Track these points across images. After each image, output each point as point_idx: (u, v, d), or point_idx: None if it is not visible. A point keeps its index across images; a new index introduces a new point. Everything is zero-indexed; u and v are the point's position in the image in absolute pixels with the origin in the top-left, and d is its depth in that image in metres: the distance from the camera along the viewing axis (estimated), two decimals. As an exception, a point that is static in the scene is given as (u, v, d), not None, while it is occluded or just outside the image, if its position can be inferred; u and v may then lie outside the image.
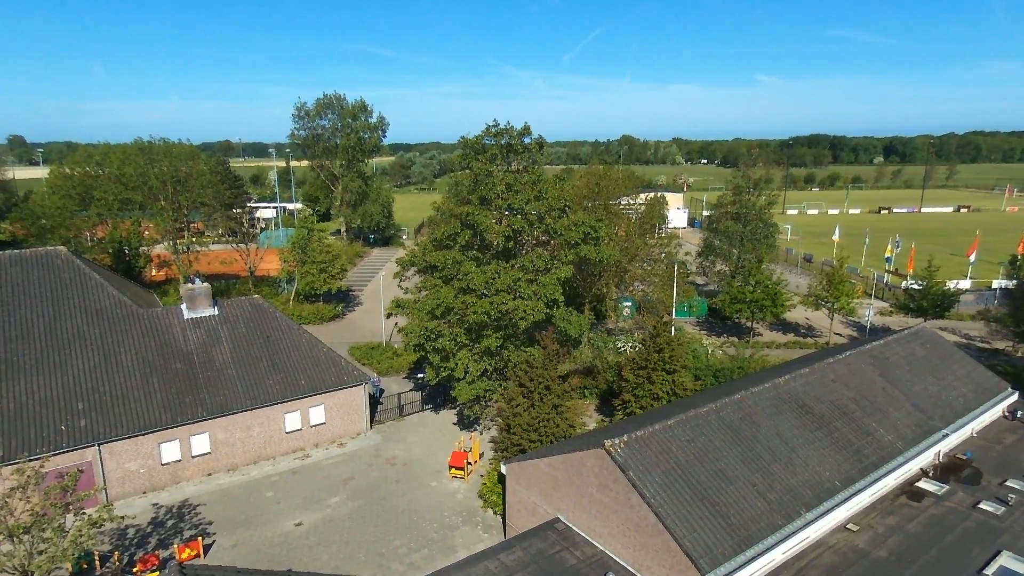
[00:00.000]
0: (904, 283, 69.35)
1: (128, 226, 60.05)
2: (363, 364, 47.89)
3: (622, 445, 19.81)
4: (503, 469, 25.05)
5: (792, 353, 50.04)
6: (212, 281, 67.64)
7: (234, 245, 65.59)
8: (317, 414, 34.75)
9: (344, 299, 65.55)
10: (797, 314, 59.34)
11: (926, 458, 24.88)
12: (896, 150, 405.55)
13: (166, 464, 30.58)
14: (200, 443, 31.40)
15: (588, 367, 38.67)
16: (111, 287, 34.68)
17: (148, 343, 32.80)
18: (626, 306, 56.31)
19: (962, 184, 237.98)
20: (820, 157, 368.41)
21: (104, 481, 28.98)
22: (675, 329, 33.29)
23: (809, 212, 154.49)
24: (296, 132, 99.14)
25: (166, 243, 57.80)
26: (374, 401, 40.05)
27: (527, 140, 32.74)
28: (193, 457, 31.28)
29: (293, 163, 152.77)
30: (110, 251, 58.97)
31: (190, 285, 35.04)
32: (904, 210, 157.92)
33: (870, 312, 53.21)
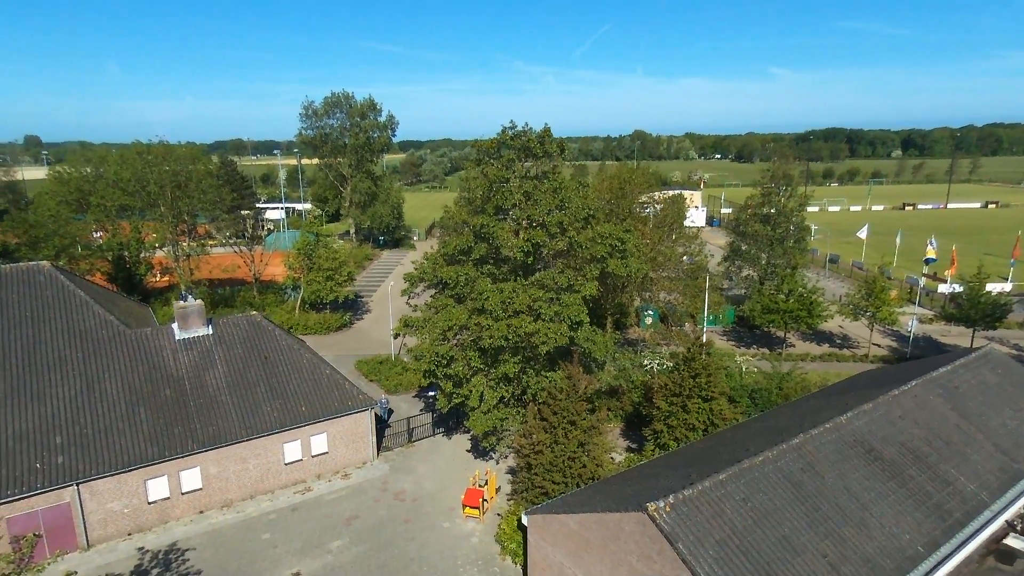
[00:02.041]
0: (941, 287, 65.57)
1: (128, 231, 57.69)
2: (371, 380, 45.12)
3: (668, 509, 16.74)
4: (524, 520, 22.08)
5: (830, 367, 46.65)
6: (216, 288, 65.31)
7: (237, 249, 62.97)
8: (319, 443, 31.96)
9: (352, 307, 62.87)
10: (831, 322, 55.80)
11: (1013, 510, 21.59)
12: (915, 143, 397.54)
13: (153, 502, 27.90)
14: (191, 478, 28.69)
15: (612, 388, 35.58)
16: (97, 305, 32.04)
17: (135, 368, 30.12)
18: (648, 315, 53.07)
19: (986, 178, 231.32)
20: (837, 151, 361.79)
21: (84, 524, 26.33)
22: (707, 345, 30.05)
23: (830, 209, 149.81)
24: (304, 132, 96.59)
25: (167, 249, 55.25)
26: (382, 423, 37.25)
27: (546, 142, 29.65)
28: (183, 494, 28.57)
29: (304, 161, 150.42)
30: (109, 258, 56.70)
31: (182, 303, 32.32)
32: (929, 206, 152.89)
33: (913, 323, 49.58)
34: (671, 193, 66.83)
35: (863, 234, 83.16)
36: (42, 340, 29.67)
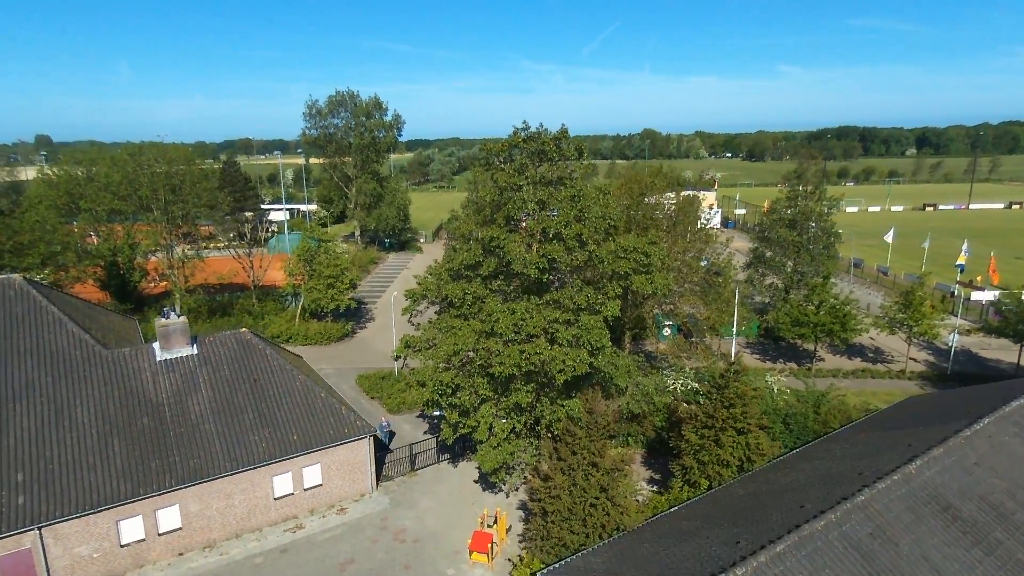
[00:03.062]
0: (975, 295, 61.98)
1: (121, 235, 55.16)
2: (372, 397, 42.31)
3: (719, 594, 13.75)
4: (540, 583, 19.12)
5: (864, 385, 43.38)
6: (213, 295, 62.64)
7: (235, 253, 60.20)
8: (312, 475, 29.15)
9: (355, 315, 59.99)
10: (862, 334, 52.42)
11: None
12: (929, 141, 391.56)
13: (126, 545, 25.16)
14: (169, 517, 25.95)
15: (633, 413, 32.56)
16: (72, 323, 29.34)
17: (110, 393, 27.38)
18: (666, 326, 49.93)
19: (1006, 177, 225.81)
20: (850, 149, 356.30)
21: (48, 572, 23.62)
22: (743, 371, 26.91)
23: (848, 210, 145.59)
24: (308, 131, 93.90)
25: (161, 255, 52.63)
26: (383, 448, 34.43)
27: (563, 144, 26.61)
28: (160, 535, 25.82)
29: (312, 160, 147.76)
30: (102, 264, 54.22)
31: (164, 320, 29.55)
32: (951, 207, 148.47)
33: (954, 337, 46.16)
34: (686, 194, 63.59)
35: (890, 238, 79.51)
36: (9, 362, 27.00)
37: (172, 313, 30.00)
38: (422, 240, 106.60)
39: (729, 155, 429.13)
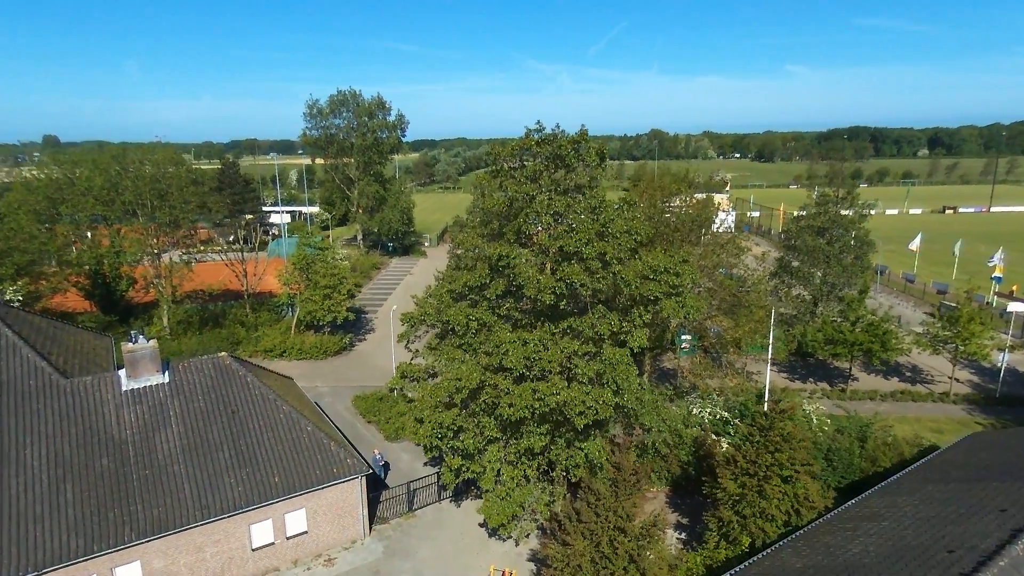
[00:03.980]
0: (1012, 306, 58.01)
1: (107, 241, 51.99)
2: (368, 421, 38.98)
3: None
4: None
5: (906, 409, 39.68)
6: (206, 304, 59.38)
7: (225, 258, 56.72)
8: (296, 521, 25.80)
9: (354, 326, 56.56)
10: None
11: None
12: (942, 142, 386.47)
13: (78, 610, 21.87)
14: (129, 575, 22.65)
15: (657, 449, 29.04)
16: (28, 348, 26.08)
17: (67, 429, 24.10)
18: (684, 339, 46.27)
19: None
20: (862, 150, 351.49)
21: (-17, 645, 20.36)
22: (791, 409, 23.33)
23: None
24: (308, 132, 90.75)
25: (147, 262, 49.43)
26: (378, 483, 31.10)
27: (581, 148, 23.12)
28: (118, 596, 22.53)
29: (319, 161, 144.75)
30: (85, 272, 51.13)
31: (131, 345, 26.26)
32: (971, 209, 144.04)
33: (1004, 356, 42.38)
34: (700, 197, 59.83)
35: (915, 245, 75.60)
36: (-49, 395, 23.77)
37: (140, 336, 26.68)
38: (426, 244, 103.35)
39: (738, 155, 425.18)
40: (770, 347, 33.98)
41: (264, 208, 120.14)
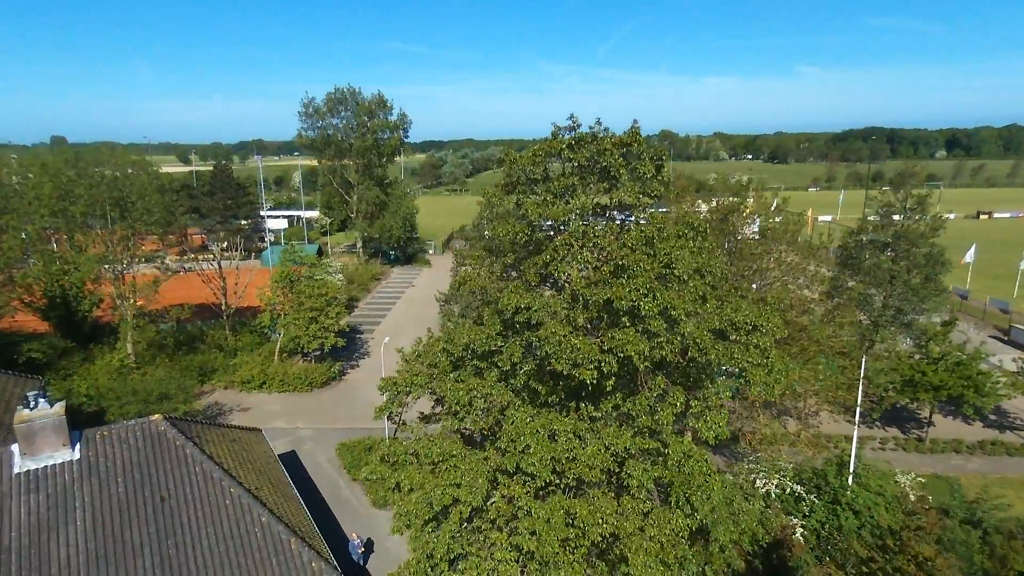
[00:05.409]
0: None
1: (67, 256, 45.73)
2: (353, 479, 32.48)
3: None
4: None
5: (1001, 465, 32.91)
6: (183, 324, 52.49)
7: (197, 268, 50.00)
8: (242, 651, 19.30)
9: (347, 349, 49.99)
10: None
11: None
12: (960, 143, 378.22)
13: None
14: None
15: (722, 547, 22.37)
16: None
17: (-73, 534, 17.75)
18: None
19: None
20: (878, 151, 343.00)
21: None
22: (934, 524, 16.73)
23: (895, 218, 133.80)
24: (304, 132, 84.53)
25: (109, 277, 43.06)
26: (358, 573, 24.64)
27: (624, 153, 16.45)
28: None
29: (314, 163, 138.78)
30: (40, 289, 44.97)
31: (27, 411, 19.88)
32: (1007, 215, 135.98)
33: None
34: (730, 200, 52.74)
35: (970, 257, 68.44)
36: None
37: (42, 400, 20.27)
38: (431, 252, 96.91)
39: (750, 157, 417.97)
40: (859, 399, 27.25)
41: (261, 213, 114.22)
